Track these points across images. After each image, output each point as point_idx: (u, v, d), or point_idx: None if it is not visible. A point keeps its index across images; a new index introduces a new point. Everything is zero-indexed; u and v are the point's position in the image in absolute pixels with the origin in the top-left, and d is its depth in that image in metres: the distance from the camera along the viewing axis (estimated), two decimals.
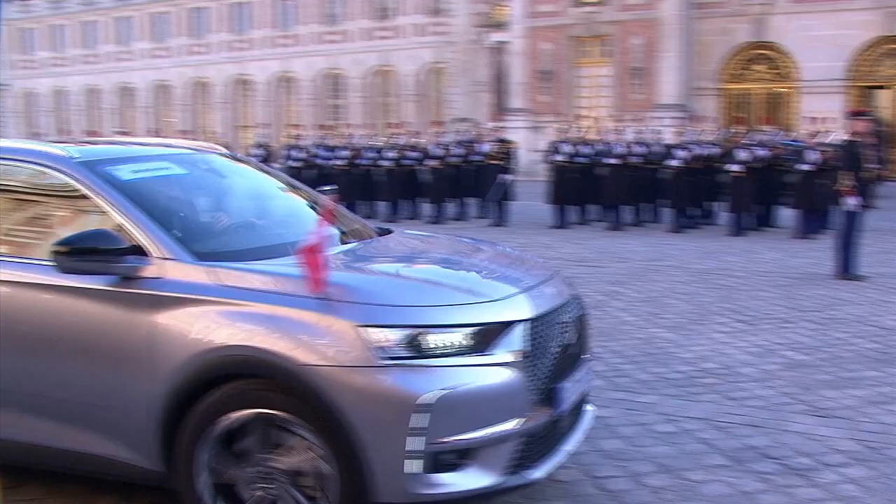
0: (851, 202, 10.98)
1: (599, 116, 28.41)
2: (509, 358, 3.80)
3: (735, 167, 16.20)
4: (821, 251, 12.97)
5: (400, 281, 4.22)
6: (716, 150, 17.44)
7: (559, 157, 18.42)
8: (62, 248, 3.95)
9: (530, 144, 30.95)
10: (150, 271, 3.99)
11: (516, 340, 3.85)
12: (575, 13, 33.75)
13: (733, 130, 19.17)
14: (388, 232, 5.36)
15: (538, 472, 3.98)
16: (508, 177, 18.71)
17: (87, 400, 4.08)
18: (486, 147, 19.62)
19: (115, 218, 4.15)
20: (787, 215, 16.54)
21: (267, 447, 3.81)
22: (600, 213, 18.40)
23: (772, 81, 31.82)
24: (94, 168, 4.38)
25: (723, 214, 17.19)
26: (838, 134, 13.97)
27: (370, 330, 3.66)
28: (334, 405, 3.61)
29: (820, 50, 29.63)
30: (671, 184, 17.17)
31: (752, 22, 31.31)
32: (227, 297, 3.85)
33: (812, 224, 15.60)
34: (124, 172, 4.49)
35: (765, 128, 19.81)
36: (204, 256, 4.07)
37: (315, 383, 3.63)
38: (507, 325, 3.86)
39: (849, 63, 30.12)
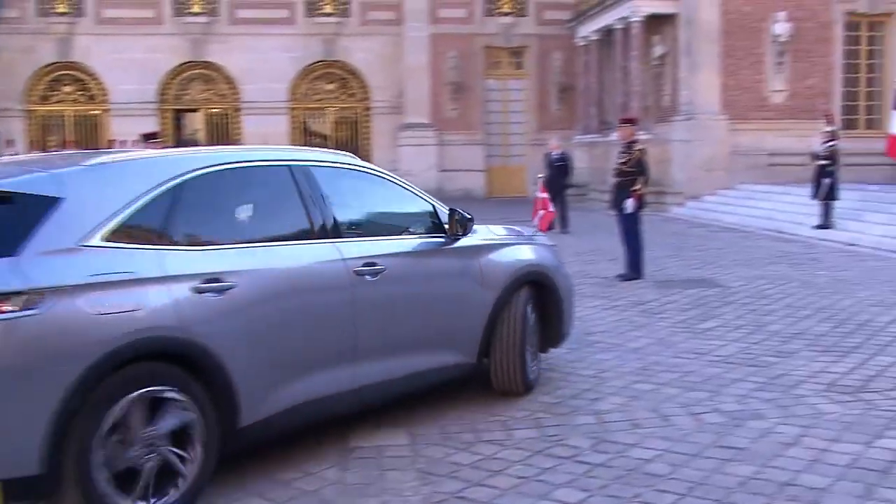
0: None
1: None
2: None
3: None
4: None
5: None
6: None
7: None
8: (455, 222, 6.08)
9: None
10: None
11: None
12: None
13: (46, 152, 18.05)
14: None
15: None
16: None
17: (448, 326, 6.02)
18: None
19: (424, 203, 6.16)
20: None
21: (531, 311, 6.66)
22: None
23: (82, 103, 30.83)
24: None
25: None
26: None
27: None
28: (557, 287, 6.89)
29: (130, 73, 29.53)
30: None
31: (58, 42, 30.02)
32: (511, 243, 6.73)
33: None
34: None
35: (71, 150, 19.01)
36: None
37: (551, 275, 6.87)
38: None
39: (160, 86, 30.54)
